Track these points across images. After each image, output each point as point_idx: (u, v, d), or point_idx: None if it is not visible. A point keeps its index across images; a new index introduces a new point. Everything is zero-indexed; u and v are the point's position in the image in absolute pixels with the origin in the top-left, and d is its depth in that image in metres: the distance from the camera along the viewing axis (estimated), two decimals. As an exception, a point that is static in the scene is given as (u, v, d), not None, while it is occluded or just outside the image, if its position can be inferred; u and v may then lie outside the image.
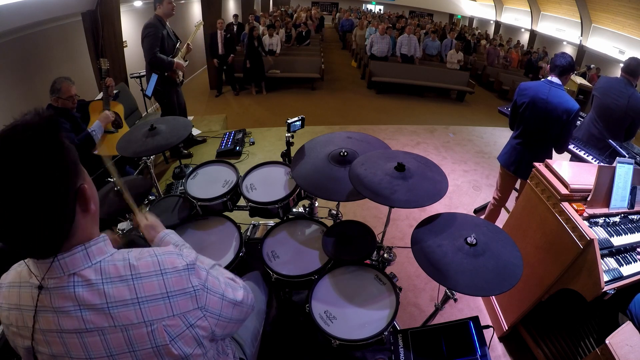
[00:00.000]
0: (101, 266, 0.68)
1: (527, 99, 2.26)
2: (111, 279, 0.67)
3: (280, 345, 1.59)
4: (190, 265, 0.74)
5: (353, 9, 18.94)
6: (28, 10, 3.19)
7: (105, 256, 0.70)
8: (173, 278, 0.71)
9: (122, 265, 0.69)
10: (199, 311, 0.73)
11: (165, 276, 0.70)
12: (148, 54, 3.14)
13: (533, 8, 14.62)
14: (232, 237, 1.68)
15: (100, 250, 0.70)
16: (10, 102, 3.37)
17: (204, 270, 0.78)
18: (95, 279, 0.66)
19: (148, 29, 3.12)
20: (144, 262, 0.70)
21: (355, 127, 5.50)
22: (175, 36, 3.40)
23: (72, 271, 0.66)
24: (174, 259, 0.73)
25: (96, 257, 0.68)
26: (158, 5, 3.17)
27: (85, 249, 0.67)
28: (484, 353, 1.33)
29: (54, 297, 0.66)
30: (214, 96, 7.50)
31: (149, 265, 0.70)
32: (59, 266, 0.65)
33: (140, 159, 2.00)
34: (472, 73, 9.63)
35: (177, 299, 0.70)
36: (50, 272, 0.65)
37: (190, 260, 0.75)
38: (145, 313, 0.67)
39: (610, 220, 1.67)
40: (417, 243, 1.35)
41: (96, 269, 0.67)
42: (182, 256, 0.75)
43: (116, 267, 0.69)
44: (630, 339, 1.34)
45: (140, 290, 0.68)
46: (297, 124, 1.96)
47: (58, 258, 0.65)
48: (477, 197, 3.55)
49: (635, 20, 9.60)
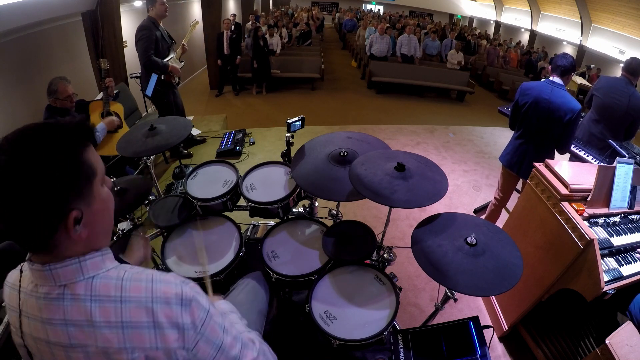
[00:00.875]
0: (92, 282, 0.65)
1: (530, 99, 2.27)
2: (99, 297, 0.64)
3: (280, 345, 1.59)
4: (185, 300, 0.67)
5: (353, 9, 18.95)
6: (28, 10, 3.19)
7: (100, 272, 0.66)
8: (162, 309, 0.65)
9: (113, 285, 0.65)
10: (185, 352, 0.67)
11: (154, 305, 0.64)
12: (142, 57, 3.11)
13: (533, 8, 14.62)
14: (232, 237, 1.68)
15: (96, 265, 0.66)
16: (10, 102, 3.36)
17: (205, 311, 0.70)
18: (84, 294, 0.63)
19: (141, 31, 3.08)
20: (135, 285, 0.65)
21: (355, 127, 5.50)
22: (170, 37, 3.37)
23: (63, 282, 0.63)
24: (169, 289, 0.66)
25: (90, 271, 0.65)
26: (150, 7, 3.14)
27: (79, 262, 0.64)
28: (484, 353, 1.33)
29: (43, 308, 0.64)
30: (214, 96, 7.50)
31: (140, 289, 0.65)
32: (51, 276, 0.63)
33: (140, 159, 2.00)
34: (472, 73, 9.63)
35: (163, 331, 0.65)
36: (42, 280, 0.64)
37: (187, 296, 0.67)
38: (127, 339, 0.63)
39: (610, 220, 1.67)
40: (417, 243, 1.35)
41: (87, 284, 0.64)
42: (179, 287, 0.68)
43: (107, 286, 0.65)
44: (630, 339, 1.34)
45: (125, 315, 0.63)
46: (297, 124, 1.96)
47: (50, 267, 0.63)
48: (477, 197, 3.55)
49: (635, 20, 9.60)
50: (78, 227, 0.62)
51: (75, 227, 0.61)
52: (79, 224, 0.62)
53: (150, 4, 3.13)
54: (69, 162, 0.59)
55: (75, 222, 0.61)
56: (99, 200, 0.66)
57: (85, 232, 0.64)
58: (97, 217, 0.66)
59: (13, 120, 3.29)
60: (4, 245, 1.64)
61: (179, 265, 1.49)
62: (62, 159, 0.58)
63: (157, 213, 1.75)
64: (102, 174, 0.67)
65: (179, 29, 6.77)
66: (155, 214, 1.75)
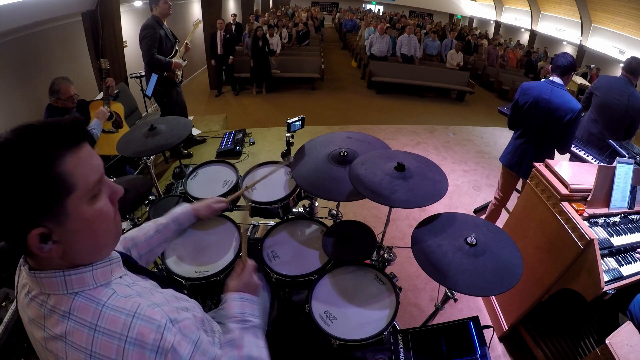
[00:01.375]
0: (74, 300, 0.61)
1: (530, 99, 2.26)
2: (76, 318, 0.60)
3: (281, 345, 1.59)
4: (162, 349, 0.60)
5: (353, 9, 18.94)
6: (28, 10, 3.19)
7: (86, 288, 0.62)
8: (134, 352, 0.59)
9: (93, 309, 0.61)
10: None
11: (126, 345, 0.59)
12: (146, 55, 3.15)
13: (533, 8, 14.62)
14: (232, 237, 1.68)
15: (82, 280, 0.62)
16: (10, 102, 3.36)
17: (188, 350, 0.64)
18: (63, 311, 0.60)
19: (145, 30, 3.12)
20: (113, 318, 0.60)
21: (355, 127, 5.50)
22: (174, 36, 3.40)
23: (47, 291, 0.61)
24: (148, 331, 0.60)
25: (74, 287, 0.61)
26: (154, 6, 3.17)
27: (64, 275, 0.61)
28: (484, 353, 1.33)
29: (30, 308, 0.64)
30: (214, 96, 7.50)
31: (117, 323, 0.60)
32: (36, 282, 0.62)
33: (140, 159, 2.01)
34: (472, 73, 9.63)
35: None
36: (31, 282, 0.63)
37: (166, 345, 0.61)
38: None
39: (610, 220, 1.67)
40: (417, 243, 1.36)
41: (68, 300, 0.61)
42: (162, 331, 0.61)
43: (87, 308, 0.61)
44: (630, 339, 1.34)
45: (95, 345, 0.59)
46: (297, 124, 1.96)
47: (35, 274, 0.61)
48: (477, 197, 3.55)
49: (635, 20, 9.60)
50: (45, 245, 0.57)
51: (41, 245, 0.56)
52: (45, 242, 0.57)
53: (154, 3, 3.16)
54: (34, 175, 0.53)
55: (42, 239, 0.56)
56: (77, 219, 0.59)
57: (59, 250, 0.59)
58: (74, 236, 0.60)
59: (13, 120, 3.28)
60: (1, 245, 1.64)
61: (179, 265, 1.49)
62: (26, 171, 0.52)
63: (157, 213, 1.75)
64: (86, 188, 0.59)
65: (179, 29, 6.75)
66: (155, 214, 1.75)
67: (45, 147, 0.54)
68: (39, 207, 0.54)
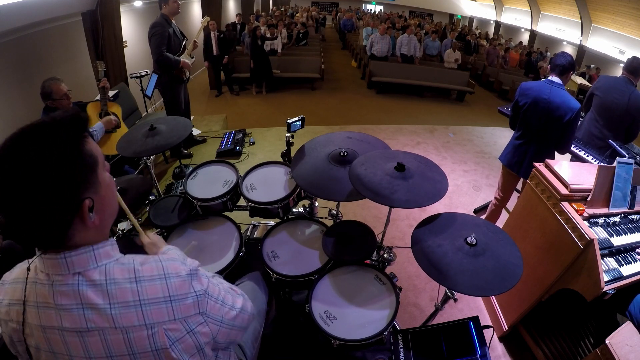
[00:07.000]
0: (106, 268, 0.69)
1: (530, 99, 2.26)
2: (115, 280, 0.68)
3: (281, 345, 1.59)
4: (192, 271, 0.75)
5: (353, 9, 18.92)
6: (28, 10, 3.20)
7: (111, 260, 0.71)
8: (176, 283, 0.72)
9: (126, 269, 0.70)
10: (200, 317, 0.74)
11: (168, 280, 0.71)
12: (155, 53, 3.18)
13: (533, 8, 14.62)
14: (232, 237, 1.68)
15: (107, 253, 0.71)
16: (10, 102, 3.36)
17: (206, 277, 0.79)
18: (100, 279, 0.67)
19: (154, 28, 3.15)
20: (147, 267, 0.72)
21: (355, 127, 5.50)
22: (182, 34, 3.43)
23: (77, 270, 0.67)
24: (178, 265, 0.74)
25: (102, 259, 0.70)
26: (164, 4, 3.20)
27: (93, 250, 0.69)
28: (484, 353, 1.33)
29: (57, 295, 0.66)
30: (214, 96, 7.50)
31: (152, 269, 0.71)
32: (65, 264, 0.66)
33: (140, 159, 2.01)
34: (472, 73, 9.63)
35: (179, 303, 0.71)
36: (56, 269, 0.66)
37: (193, 267, 0.76)
38: (146, 316, 0.68)
39: (610, 220, 1.67)
40: (417, 243, 1.35)
41: (101, 270, 0.68)
42: (185, 264, 0.76)
43: (121, 270, 0.70)
44: (630, 339, 1.34)
45: (143, 293, 0.68)
46: (297, 124, 1.96)
47: (65, 255, 0.66)
48: (477, 197, 3.54)
49: (635, 20, 9.60)
50: (92, 214, 0.66)
51: (90, 215, 0.66)
52: (91, 212, 0.66)
53: (164, 2, 3.19)
54: (73, 155, 0.62)
55: (89, 210, 0.65)
56: (104, 185, 0.70)
57: (98, 218, 0.68)
58: (105, 202, 0.71)
59: (13, 120, 3.29)
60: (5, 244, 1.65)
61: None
62: (66, 153, 0.61)
63: (157, 213, 1.75)
64: (102, 160, 0.71)
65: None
66: (155, 214, 1.75)
67: (75, 133, 0.65)
68: (83, 180, 0.64)
